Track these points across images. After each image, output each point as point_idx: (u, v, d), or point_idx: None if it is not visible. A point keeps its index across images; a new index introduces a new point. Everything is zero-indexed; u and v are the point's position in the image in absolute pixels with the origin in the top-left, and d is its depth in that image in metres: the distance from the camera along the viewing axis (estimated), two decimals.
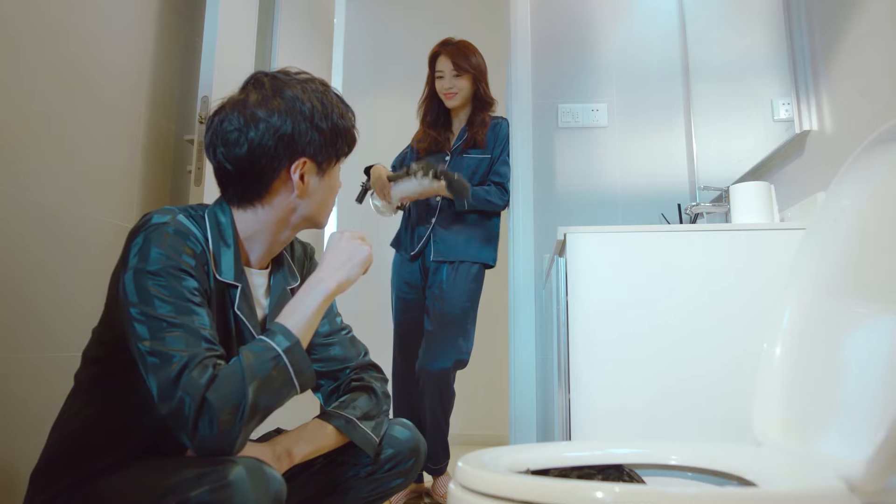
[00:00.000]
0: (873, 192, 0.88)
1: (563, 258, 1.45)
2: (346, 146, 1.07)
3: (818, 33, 1.47)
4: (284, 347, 0.91)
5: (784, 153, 1.64)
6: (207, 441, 0.83)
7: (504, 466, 0.82)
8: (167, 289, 0.88)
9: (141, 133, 1.67)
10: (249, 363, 0.88)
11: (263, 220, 1.03)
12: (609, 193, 2.48)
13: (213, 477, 0.80)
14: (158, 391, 0.85)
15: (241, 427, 0.85)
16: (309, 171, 1.02)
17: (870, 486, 0.65)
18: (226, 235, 1.01)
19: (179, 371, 0.84)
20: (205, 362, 0.86)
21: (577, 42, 2.60)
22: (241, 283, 1.02)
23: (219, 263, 0.99)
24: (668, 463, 0.90)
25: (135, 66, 1.66)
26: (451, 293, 2.23)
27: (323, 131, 1.01)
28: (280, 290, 1.10)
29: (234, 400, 0.84)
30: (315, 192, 1.04)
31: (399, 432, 1.13)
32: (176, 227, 0.93)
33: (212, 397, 0.83)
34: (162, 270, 0.89)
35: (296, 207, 1.03)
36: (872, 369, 0.78)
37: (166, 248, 0.90)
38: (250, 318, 1.03)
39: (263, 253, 1.06)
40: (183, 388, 0.83)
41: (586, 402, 1.32)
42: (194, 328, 0.88)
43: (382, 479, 1.11)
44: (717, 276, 1.33)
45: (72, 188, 1.41)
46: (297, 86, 1.02)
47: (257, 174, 0.99)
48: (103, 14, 1.53)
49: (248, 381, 0.86)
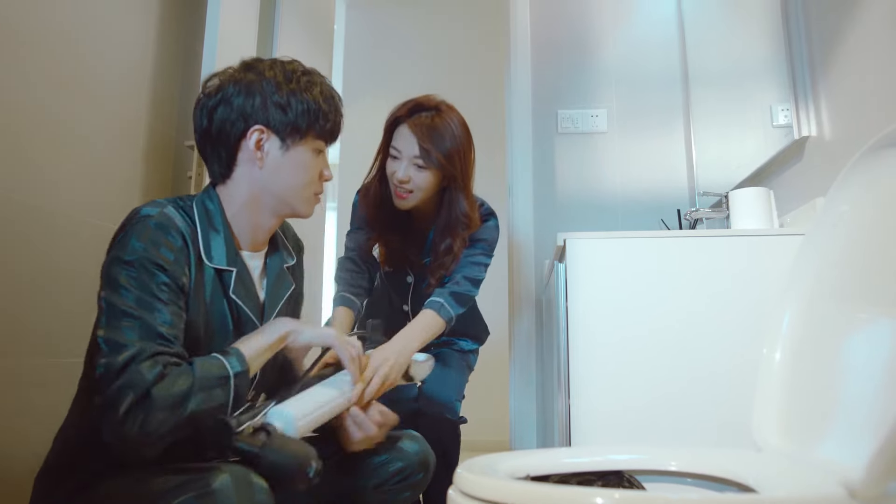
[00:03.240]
0: (872, 197, 0.88)
1: (562, 264, 1.45)
2: (312, 123, 1.04)
3: (816, 39, 1.47)
4: (236, 371, 0.91)
5: (783, 159, 1.64)
6: (130, 437, 0.82)
7: (504, 472, 0.81)
8: (136, 280, 0.89)
9: (141, 138, 1.68)
10: (201, 374, 0.88)
11: (237, 195, 1.04)
12: (609, 199, 2.48)
13: (198, 484, 0.79)
14: (101, 378, 0.84)
15: (168, 431, 0.84)
16: (268, 141, 1.03)
17: (869, 491, 0.65)
18: (215, 221, 1.02)
19: (127, 361, 0.84)
20: (156, 358, 0.85)
21: (576, 48, 2.61)
22: (236, 266, 1.02)
23: (209, 250, 0.99)
24: (667, 469, 0.90)
25: (135, 71, 1.66)
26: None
27: (280, 103, 1.02)
28: (277, 269, 1.11)
29: (175, 402, 0.84)
30: (279, 166, 1.03)
31: (408, 445, 1.12)
32: (159, 220, 0.94)
33: (156, 394, 0.83)
34: (136, 262, 0.90)
35: (262, 182, 1.04)
36: (872, 374, 0.78)
37: (145, 241, 0.91)
38: (248, 302, 1.03)
39: (250, 236, 1.07)
40: (126, 379, 0.83)
41: (586, 407, 1.32)
42: (152, 323, 0.87)
43: (391, 491, 1.10)
44: (717, 281, 1.34)
45: (72, 193, 1.42)
46: (265, 63, 1.05)
47: (218, 142, 1.03)
48: (104, 20, 1.54)
49: (196, 390, 0.86)
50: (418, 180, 1.48)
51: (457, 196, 1.52)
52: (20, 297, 1.27)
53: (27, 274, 1.29)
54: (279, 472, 0.85)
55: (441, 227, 1.54)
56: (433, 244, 1.57)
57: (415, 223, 1.62)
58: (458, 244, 1.53)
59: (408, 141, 1.47)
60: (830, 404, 0.85)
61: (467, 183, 1.54)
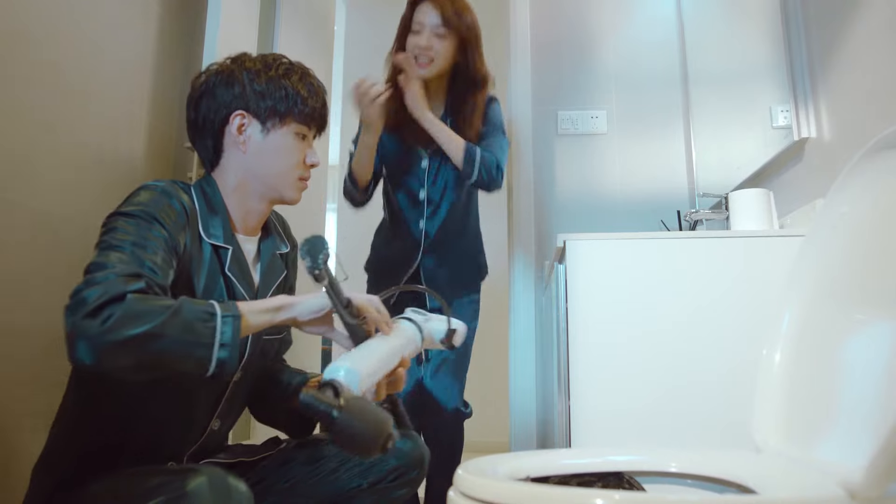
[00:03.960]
0: (872, 198, 0.88)
1: (562, 265, 1.45)
2: (292, 105, 1.08)
3: (816, 40, 1.47)
4: (225, 314, 0.85)
5: (783, 160, 1.64)
6: (92, 333, 0.76)
7: (504, 473, 0.81)
8: (134, 227, 0.90)
9: (141, 139, 1.68)
10: (185, 303, 0.83)
11: (226, 182, 1.09)
12: (608, 200, 2.48)
13: (172, 486, 0.77)
14: (84, 280, 0.80)
15: (138, 347, 0.77)
16: (250, 125, 1.07)
17: (869, 492, 0.65)
18: (213, 202, 1.06)
19: (108, 271, 0.81)
20: (140, 278, 0.83)
21: (576, 49, 2.61)
22: (232, 245, 1.05)
23: (207, 228, 1.03)
24: (667, 470, 0.90)
25: (135, 72, 1.66)
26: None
27: (259, 91, 1.07)
28: (270, 254, 1.13)
29: (150, 315, 0.78)
30: (260, 150, 1.08)
31: (403, 443, 1.13)
32: (165, 188, 0.98)
33: (131, 298, 0.79)
34: (136, 213, 0.92)
35: (248, 168, 1.08)
36: (871, 375, 0.78)
37: (148, 200, 0.94)
38: (242, 281, 1.05)
39: (242, 220, 1.10)
40: (104, 285, 0.79)
41: (586, 408, 1.32)
42: (141, 256, 0.86)
43: (386, 489, 1.10)
44: (717, 282, 1.34)
45: (72, 194, 1.41)
46: (247, 55, 1.11)
47: (204, 131, 1.08)
48: (104, 21, 1.54)
49: (172, 313, 0.80)
50: (439, 47, 1.70)
51: (473, 57, 1.75)
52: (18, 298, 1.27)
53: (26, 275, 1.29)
54: (354, 441, 0.78)
55: (458, 90, 1.77)
56: (452, 105, 1.79)
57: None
58: (479, 98, 1.77)
59: (430, 14, 1.70)
60: (830, 406, 0.85)
61: (480, 47, 1.78)
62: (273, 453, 1.13)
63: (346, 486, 1.09)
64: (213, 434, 1.06)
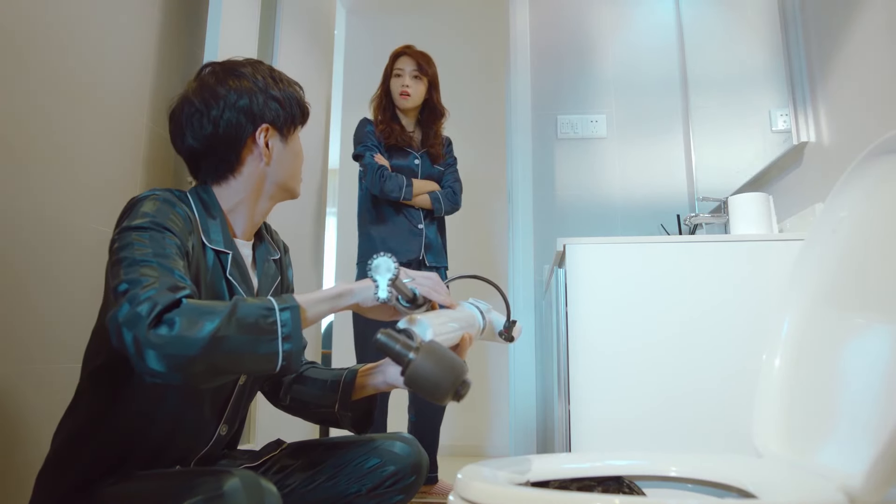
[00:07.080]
0: (871, 202, 0.88)
1: (562, 269, 1.45)
2: (301, 113, 1.14)
3: (815, 45, 1.48)
4: (281, 306, 0.86)
5: (782, 164, 1.65)
6: (163, 340, 0.76)
7: (504, 478, 0.81)
8: (150, 239, 0.90)
9: (142, 144, 1.68)
10: (237, 303, 0.84)
11: (240, 190, 1.09)
12: (608, 204, 2.49)
13: (208, 487, 0.80)
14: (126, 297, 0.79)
15: (205, 347, 0.77)
16: (272, 137, 1.09)
17: (869, 497, 0.65)
18: (212, 210, 1.06)
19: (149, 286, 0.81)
20: (181, 286, 0.83)
21: (576, 53, 2.62)
22: (232, 250, 1.06)
23: (208, 233, 1.03)
24: (667, 475, 0.90)
25: (136, 77, 1.67)
26: None
27: (278, 99, 1.09)
28: (264, 259, 1.15)
29: (209, 313, 0.79)
30: (281, 158, 1.10)
31: (400, 448, 1.13)
32: (165, 197, 0.99)
33: (187, 302, 0.80)
34: (147, 225, 0.92)
35: (266, 175, 1.09)
36: (871, 380, 0.78)
37: (154, 210, 0.95)
38: (242, 285, 1.05)
39: (247, 224, 1.11)
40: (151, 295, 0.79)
41: (586, 413, 1.32)
42: (170, 265, 0.87)
43: (384, 495, 1.10)
44: (716, 286, 1.34)
45: (74, 199, 1.42)
46: (247, 66, 1.10)
47: (226, 146, 1.06)
48: (105, 26, 1.54)
49: (229, 312, 0.81)
50: (415, 86, 2.41)
51: (436, 96, 2.47)
52: (22, 301, 1.27)
53: (28, 278, 1.29)
54: (428, 384, 0.77)
55: (426, 119, 2.47)
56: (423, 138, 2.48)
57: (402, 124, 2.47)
58: (439, 126, 2.49)
59: (408, 63, 2.42)
60: (830, 410, 0.85)
61: (439, 89, 2.49)
62: (274, 454, 1.13)
63: (344, 491, 1.09)
64: (220, 440, 1.06)
